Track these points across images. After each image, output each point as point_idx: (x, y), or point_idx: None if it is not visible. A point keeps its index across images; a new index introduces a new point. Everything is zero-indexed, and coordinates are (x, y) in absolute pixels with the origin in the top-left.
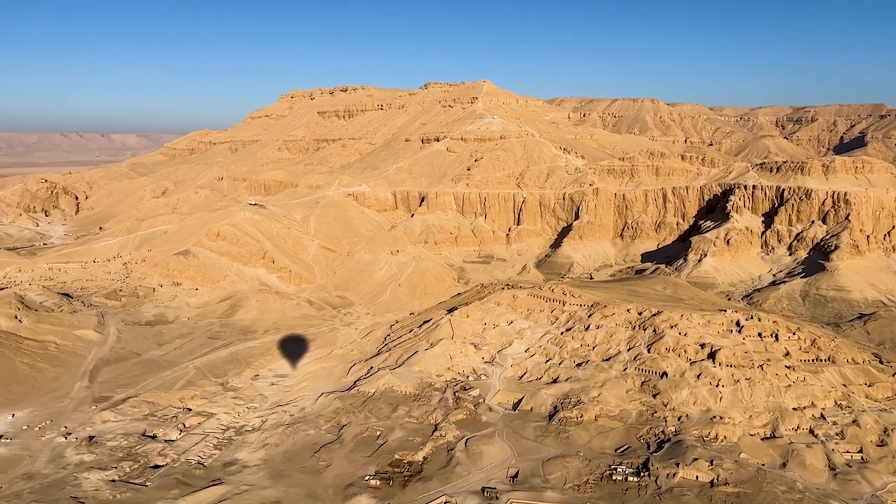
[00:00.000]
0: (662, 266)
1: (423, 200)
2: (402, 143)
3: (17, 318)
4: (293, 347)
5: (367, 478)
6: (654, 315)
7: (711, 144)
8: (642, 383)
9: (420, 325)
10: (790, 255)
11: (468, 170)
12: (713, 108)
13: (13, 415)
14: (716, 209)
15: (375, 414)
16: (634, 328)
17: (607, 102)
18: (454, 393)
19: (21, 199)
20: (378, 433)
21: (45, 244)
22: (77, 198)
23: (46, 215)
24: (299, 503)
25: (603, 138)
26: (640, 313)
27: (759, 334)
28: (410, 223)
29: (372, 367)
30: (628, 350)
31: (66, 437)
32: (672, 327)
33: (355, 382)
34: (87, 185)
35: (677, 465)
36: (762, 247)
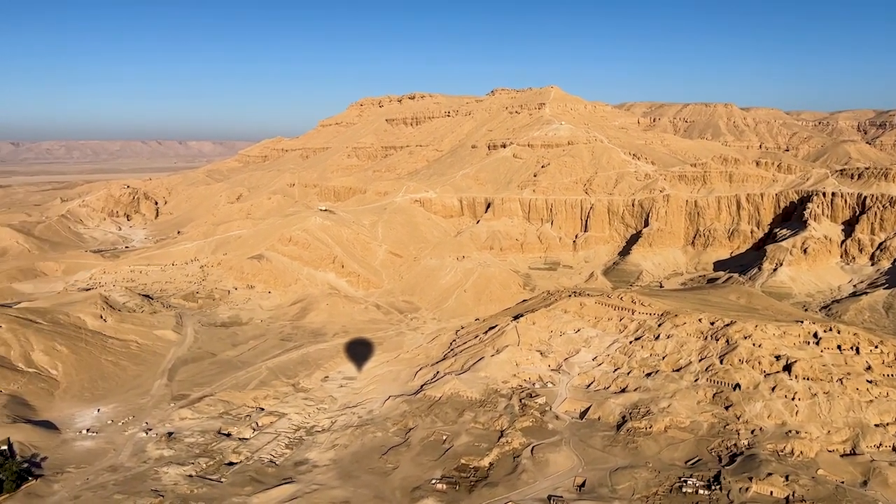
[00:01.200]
0: (736, 275)
1: (488, 206)
2: (469, 149)
3: (102, 317)
4: (359, 351)
5: (433, 481)
6: (727, 325)
7: (788, 150)
8: (714, 395)
9: (486, 332)
10: (872, 264)
11: (535, 176)
12: (790, 112)
13: (98, 409)
14: (792, 217)
15: (441, 418)
16: (706, 338)
17: (678, 107)
18: (520, 400)
19: (105, 203)
20: (444, 437)
21: (127, 247)
22: (157, 203)
23: (128, 219)
24: None
25: (674, 144)
26: (712, 323)
27: (839, 347)
28: (476, 229)
29: (438, 372)
30: (700, 361)
31: (146, 433)
32: (746, 338)
33: (422, 386)
34: (167, 190)
35: (750, 479)
36: (842, 256)
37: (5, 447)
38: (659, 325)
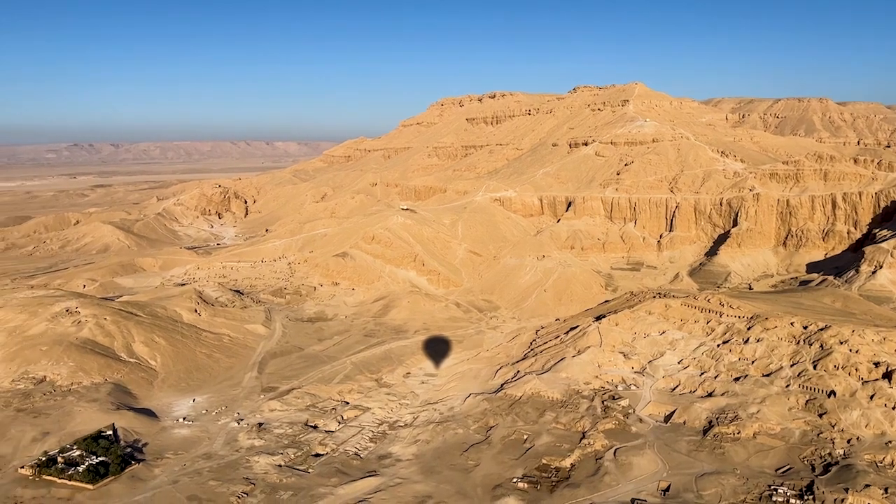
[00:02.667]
0: (830, 277)
1: (569, 205)
2: (550, 147)
3: (196, 311)
4: (437, 348)
5: (514, 480)
6: (822, 329)
7: (889, 146)
8: (807, 401)
9: (567, 332)
10: None
11: (618, 174)
12: (891, 106)
13: (194, 399)
14: (893, 217)
15: (522, 418)
16: (799, 343)
17: (769, 102)
18: (602, 402)
19: (198, 202)
20: (525, 437)
21: (218, 244)
22: (246, 202)
23: (220, 217)
24: (449, 500)
25: (764, 141)
26: (805, 327)
27: None
28: (557, 228)
29: (518, 372)
30: (791, 366)
31: (238, 423)
32: (842, 343)
33: (502, 385)
34: (255, 189)
35: (846, 490)
36: None
37: (110, 432)
38: (748, 329)
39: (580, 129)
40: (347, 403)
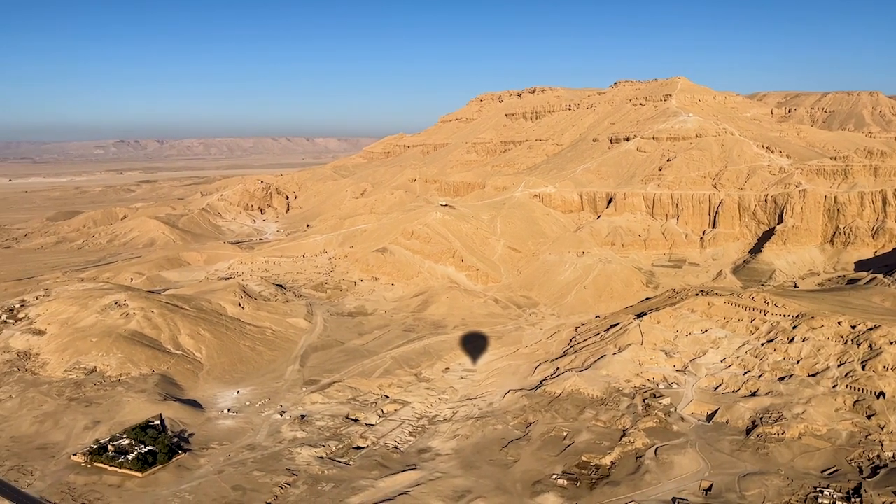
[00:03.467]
0: (880, 276)
1: (610, 201)
2: (590, 143)
3: (240, 305)
4: (475, 344)
5: (554, 477)
6: (871, 329)
7: None
8: (854, 402)
9: (607, 329)
10: None
11: (660, 170)
12: None
13: (238, 391)
14: None
15: (562, 415)
16: (846, 343)
17: (817, 96)
18: (643, 400)
19: (241, 198)
20: (565, 434)
21: (261, 239)
22: (287, 197)
23: (262, 213)
24: (489, 495)
25: (811, 135)
26: (853, 327)
27: None
28: (597, 225)
29: (558, 368)
30: (839, 366)
31: (281, 415)
32: (892, 343)
33: (541, 382)
34: (296, 185)
35: (895, 493)
36: None
37: (158, 422)
38: (794, 328)
39: (621, 124)
40: (387, 397)
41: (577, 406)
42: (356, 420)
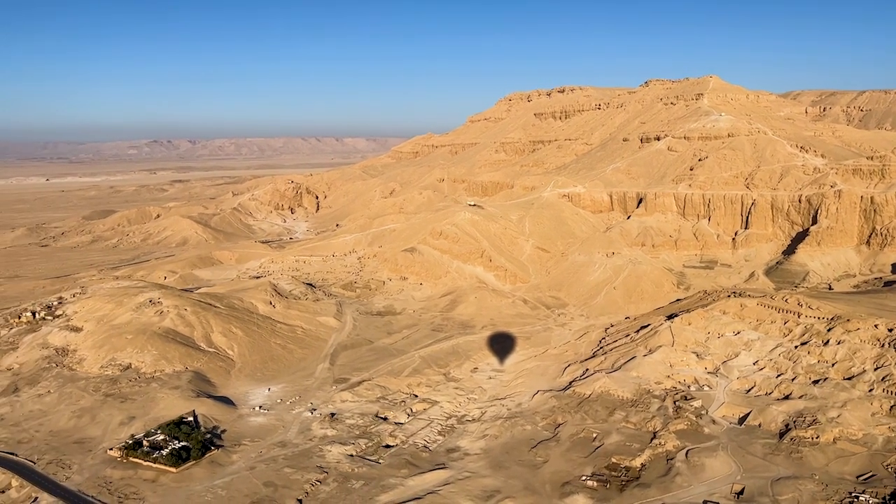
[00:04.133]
0: None
1: (640, 202)
2: (620, 142)
3: (271, 303)
4: (503, 344)
5: (583, 478)
6: None
7: None
8: (891, 407)
9: (637, 331)
10: None
11: (691, 170)
12: None
13: (269, 389)
14: None
15: (591, 416)
16: (883, 346)
17: (852, 95)
18: (674, 402)
19: (272, 197)
20: (594, 435)
21: (291, 238)
22: (317, 197)
23: (292, 212)
24: (518, 495)
25: (847, 135)
26: (890, 330)
27: None
28: (627, 225)
29: (587, 370)
30: (875, 370)
31: (312, 413)
32: None
33: (570, 383)
34: (326, 185)
35: None
36: None
37: (191, 418)
38: (828, 330)
39: (652, 124)
40: (416, 396)
41: (606, 407)
42: (385, 418)
